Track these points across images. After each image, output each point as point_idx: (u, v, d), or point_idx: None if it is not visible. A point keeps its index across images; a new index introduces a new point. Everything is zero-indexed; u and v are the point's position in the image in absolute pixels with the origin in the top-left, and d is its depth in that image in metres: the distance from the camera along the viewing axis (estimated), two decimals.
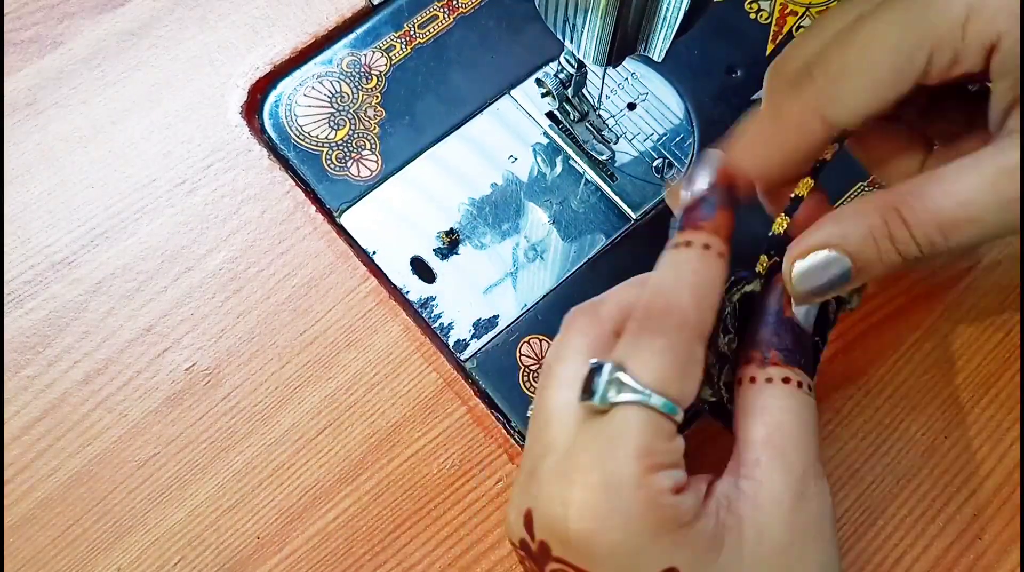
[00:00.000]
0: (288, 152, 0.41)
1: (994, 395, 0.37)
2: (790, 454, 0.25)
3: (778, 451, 0.25)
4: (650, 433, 0.24)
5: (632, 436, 0.24)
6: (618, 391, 0.24)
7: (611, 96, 0.42)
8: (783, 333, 0.27)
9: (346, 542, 0.35)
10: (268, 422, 0.36)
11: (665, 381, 0.24)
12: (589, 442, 0.24)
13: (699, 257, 0.26)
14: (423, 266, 0.39)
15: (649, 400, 0.24)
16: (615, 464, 0.24)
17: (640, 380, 0.24)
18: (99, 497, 0.35)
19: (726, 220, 0.27)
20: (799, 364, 0.26)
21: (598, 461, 0.24)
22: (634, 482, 0.23)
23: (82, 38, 0.43)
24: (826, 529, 0.25)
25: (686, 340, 0.25)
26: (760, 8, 0.43)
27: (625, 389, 0.24)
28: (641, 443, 0.24)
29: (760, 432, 0.25)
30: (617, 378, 0.24)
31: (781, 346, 0.26)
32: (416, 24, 0.43)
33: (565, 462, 0.25)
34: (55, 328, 0.38)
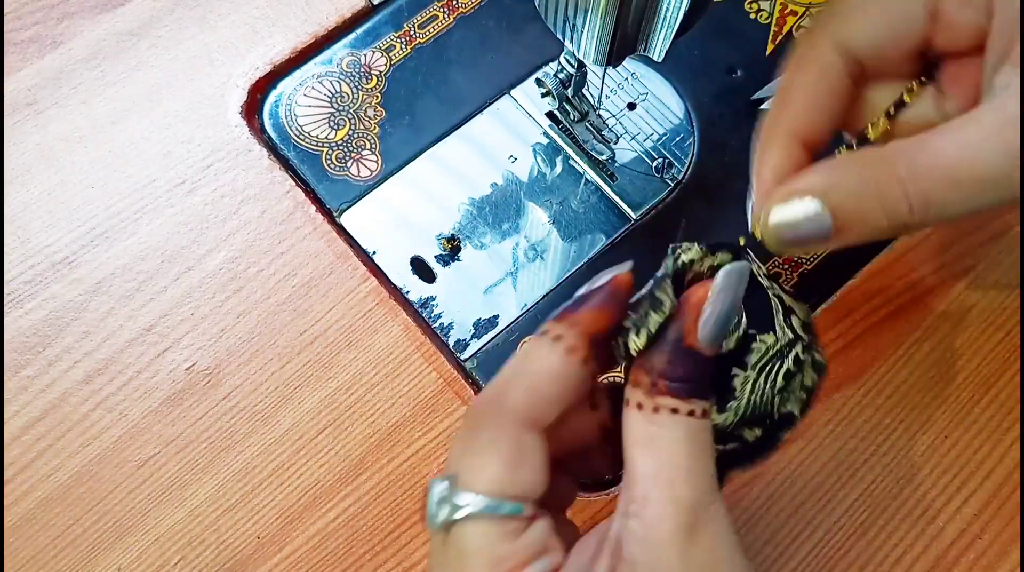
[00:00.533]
0: (288, 152, 0.41)
1: (994, 395, 0.37)
2: (680, 488, 0.23)
3: (667, 485, 0.23)
4: (494, 542, 0.23)
5: (475, 551, 0.22)
6: (449, 511, 0.23)
7: (611, 96, 0.42)
8: (679, 363, 0.24)
9: (346, 542, 0.35)
10: (268, 422, 0.36)
11: (495, 481, 0.23)
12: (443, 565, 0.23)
13: (549, 348, 0.24)
14: (423, 266, 0.39)
15: (481, 508, 0.22)
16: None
17: (471, 489, 0.23)
18: (99, 497, 0.35)
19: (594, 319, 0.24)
20: (693, 394, 0.24)
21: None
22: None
23: (82, 38, 0.43)
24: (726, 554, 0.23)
25: (509, 431, 0.23)
26: (760, 8, 0.43)
27: (455, 506, 0.23)
28: (487, 556, 0.22)
29: (648, 465, 0.23)
30: (446, 497, 0.23)
31: (673, 376, 0.24)
32: (416, 24, 0.43)
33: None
34: (55, 328, 0.38)
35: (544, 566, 0.23)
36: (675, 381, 0.24)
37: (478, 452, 0.23)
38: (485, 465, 0.23)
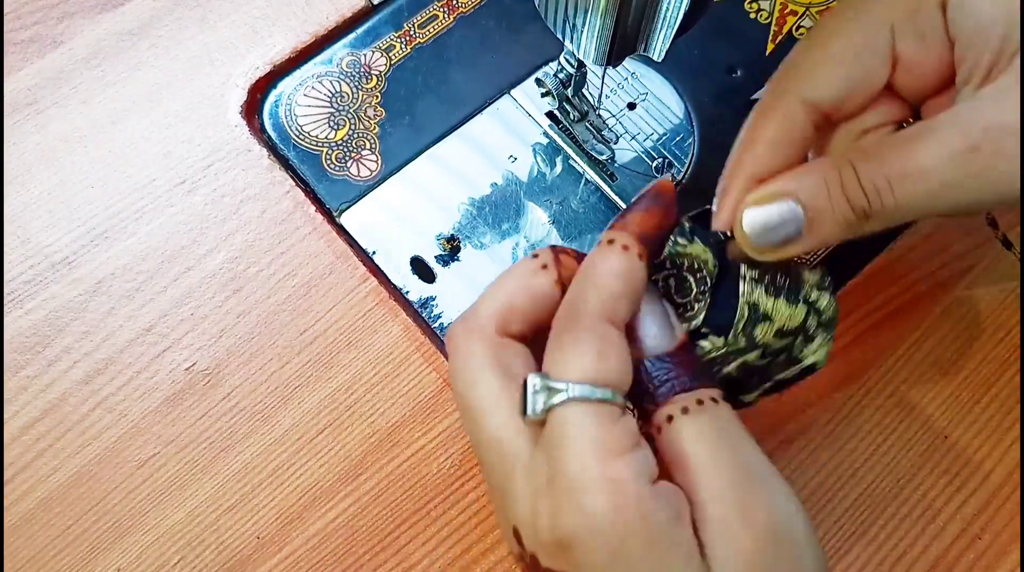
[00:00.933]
0: (288, 152, 0.41)
1: (994, 395, 0.37)
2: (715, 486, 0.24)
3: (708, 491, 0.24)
4: (593, 423, 0.24)
5: (576, 433, 0.24)
6: (548, 397, 0.24)
7: (611, 96, 0.42)
8: (647, 374, 0.25)
9: (346, 542, 0.35)
10: (268, 422, 0.36)
11: (586, 370, 0.24)
12: (542, 454, 0.24)
13: (607, 251, 0.26)
14: (423, 266, 0.39)
15: (577, 393, 0.24)
16: (570, 467, 0.23)
17: (563, 378, 0.24)
18: (99, 497, 0.35)
19: (643, 220, 0.27)
20: (683, 387, 0.25)
21: (557, 469, 0.24)
22: (593, 476, 0.23)
23: (82, 38, 0.43)
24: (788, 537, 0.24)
25: (593, 325, 0.25)
26: (760, 8, 0.43)
27: (552, 393, 0.24)
28: (588, 437, 0.23)
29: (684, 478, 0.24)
30: (543, 386, 0.24)
31: (654, 386, 0.25)
32: (416, 24, 0.43)
33: (530, 479, 0.24)
34: (55, 328, 0.38)
35: (642, 460, 0.24)
36: (657, 391, 0.25)
37: (567, 348, 0.25)
38: (577, 356, 0.24)
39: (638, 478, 0.23)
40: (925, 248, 0.39)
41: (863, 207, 0.25)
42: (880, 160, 0.25)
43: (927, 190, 0.24)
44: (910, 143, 0.25)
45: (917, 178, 0.24)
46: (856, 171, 0.25)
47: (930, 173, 0.24)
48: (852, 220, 0.25)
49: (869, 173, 0.25)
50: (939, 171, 0.24)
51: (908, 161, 0.24)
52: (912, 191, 0.25)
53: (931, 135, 0.24)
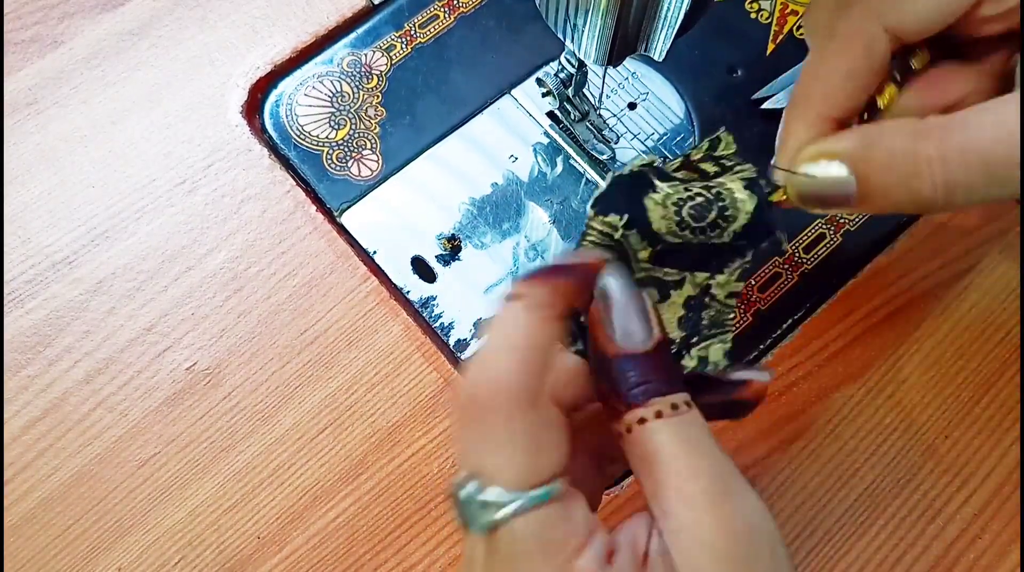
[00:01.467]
0: (289, 152, 0.41)
1: (994, 395, 0.37)
2: (689, 490, 0.22)
3: (680, 495, 0.22)
4: (544, 532, 0.22)
5: (529, 551, 0.22)
6: (488, 513, 0.22)
7: (611, 96, 0.42)
8: (618, 376, 0.24)
9: (346, 542, 0.35)
10: (268, 422, 0.36)
11: (527, 474, 0.22)
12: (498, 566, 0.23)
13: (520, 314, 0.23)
14: (424, 266, 0.39)
15: (521, 504, 0.22)
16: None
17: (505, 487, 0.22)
18: (99, 497, 0.35)
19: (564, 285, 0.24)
20: (652, 392, 0.23)
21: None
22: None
23: (82, 38, 0.43)
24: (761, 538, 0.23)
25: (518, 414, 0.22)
26: (760, 8, 0.43)
27: (491, 507, 0.22)
28: (543, 551, 0.22)
29: (653, 481, 0.23)
30: (480, 501, 0.22)
31: (627, 387, 0.23)
32: (417, 24, 0.43)
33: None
34: (55, 328, 0.38)
35: (600, 548, 0.22)
36: (629, 393, 0.23)
37: (496, 445, 0.22)
38: (509, 458, 0.22)
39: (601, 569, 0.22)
40: (925, 248, 0.39)
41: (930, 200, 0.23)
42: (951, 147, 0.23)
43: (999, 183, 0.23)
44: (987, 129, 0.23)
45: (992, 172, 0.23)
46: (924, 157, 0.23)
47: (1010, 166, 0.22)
48: (908, 206, 0.24)
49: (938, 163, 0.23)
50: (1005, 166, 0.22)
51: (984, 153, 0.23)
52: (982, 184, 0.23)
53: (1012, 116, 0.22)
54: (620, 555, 0.23)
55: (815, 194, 0.25)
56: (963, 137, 0.23)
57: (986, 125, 0.23)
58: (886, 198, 0.24)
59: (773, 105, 0.41)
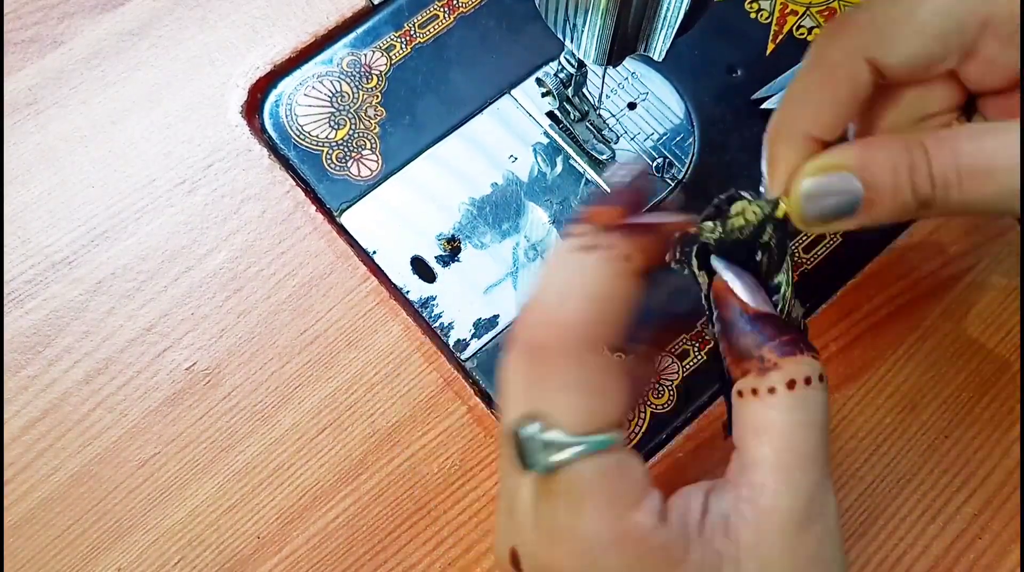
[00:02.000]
0: (288, 152, 0.41)
1: (994, 395, 0.37)
2: (799, 476, 0.23)
3: (786, 474, 0.23)
4: (605, 478, 0.22)
5: (590, 491, 0.22)
6: (549, 454, 0.22)
7: (611, 96, 0.42)
8: (763, 328, 0.24)
9: (346, 542, 0.35)
10: (268, 422, 0.36)
11: (588, 418, 0.22)
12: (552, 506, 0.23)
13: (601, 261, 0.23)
14: (423, 266, 0.39)
15: (584, 448, 0.22)
16: (586, 526, 0.22)
17: (567, 430, 0.22)
18: (99, 497, 0.35)
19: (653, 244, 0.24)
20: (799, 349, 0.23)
21: (568, 526, 0.22)
22: (611, 536, 0.22)
23: (82, 38, 0.43)
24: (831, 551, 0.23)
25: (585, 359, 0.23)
26: (760, 8, 0.43)
27: (555, 448, 0.22)
28: (601, 493, 0.22)
29: (766, 452, 0.23)
30: (543, 441, 0.22)
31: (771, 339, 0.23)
32: (416, 24, 0.43)
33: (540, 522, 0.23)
34: (55, 328, 0.38)
35: (652, 505, 0.23)
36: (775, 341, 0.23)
37: (562, 389, 0.22)
38: (575, 402, 0.22)
39: (655, 526, 0.22)
40: (925, 248, 0.39)
41: (927, 195, 0.24)
42: (955, 151, 0.23)
43: (996, 191, 0.23)
44: (987, 138, 0.23)
45: (987, 176, 0.23)
46: (928, 157, 0.24)
47: (1002, 173, 0.23)
48: (911, 206, 0.24)
49: (941, 162, 0.23)
50: (1012, 173, 0.23)
51: (983, 157, 0.23)
52: (980, 189, 0.23)
53: (1007, 135, 0.23)
54: (673, 514, 0.23)
55: (821, 209, 0.25)
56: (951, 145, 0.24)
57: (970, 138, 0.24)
58: (894, 200, 0.24)
59: (773, 105, 0.41)
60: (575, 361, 0.22)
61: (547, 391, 0.23)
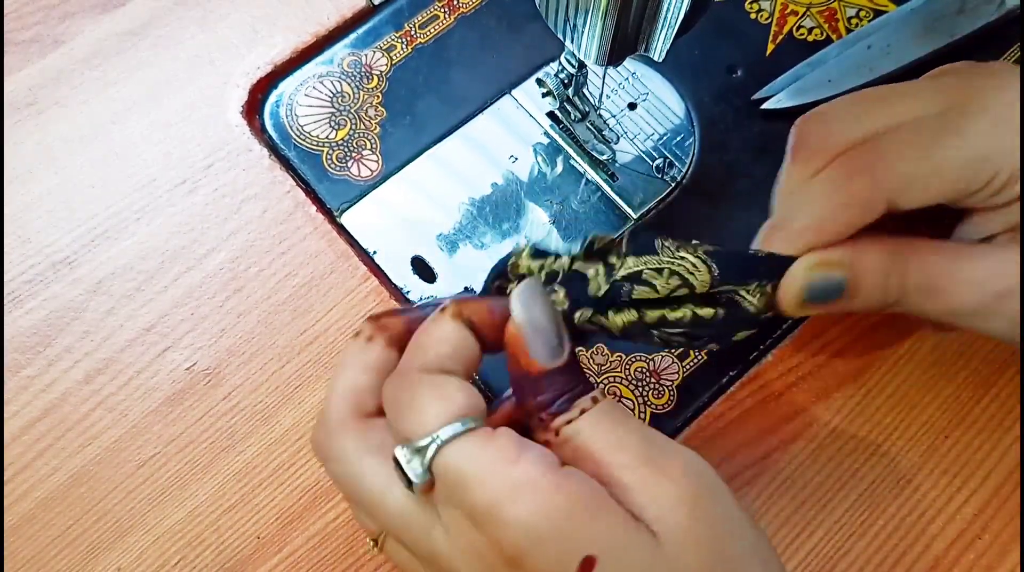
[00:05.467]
0: (289, 152, 0.41)
1: (994, 395, 0.37)
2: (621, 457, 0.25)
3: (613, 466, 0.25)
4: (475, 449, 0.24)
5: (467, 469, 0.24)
6: (421, 458, 0.24)
7: (612, 96, 0.42)
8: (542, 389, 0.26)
9: (346, 542, 0.35)
10: (268, 422, 0.36)
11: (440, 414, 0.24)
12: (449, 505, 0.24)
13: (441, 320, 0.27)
14: (424, 266, 0.39)
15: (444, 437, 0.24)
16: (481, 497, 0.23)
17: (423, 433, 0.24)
18: (99, 497, 0.35)
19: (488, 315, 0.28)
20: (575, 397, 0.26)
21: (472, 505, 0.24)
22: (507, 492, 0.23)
23: (82, 38, 0.43)
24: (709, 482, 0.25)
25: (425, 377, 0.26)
26: (760, 8, 0.44)
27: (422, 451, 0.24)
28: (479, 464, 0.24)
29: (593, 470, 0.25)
30: (411, 449, 0.24)
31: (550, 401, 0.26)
32: (417, 24, 0.43)
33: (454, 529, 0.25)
34: (55, 328, 0.38)
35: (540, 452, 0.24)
36: (553, 404, 0.26)
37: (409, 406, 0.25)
38: (421, 409, 0.25)
39: (546, 469, 0.24)
40: None
41: (896, 298, 0.28)
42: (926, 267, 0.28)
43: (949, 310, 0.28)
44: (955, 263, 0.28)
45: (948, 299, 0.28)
46: (907, 268, 0.28)
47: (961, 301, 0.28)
48: (877, 306, 0.29)
49: (916, 274, 0.28)
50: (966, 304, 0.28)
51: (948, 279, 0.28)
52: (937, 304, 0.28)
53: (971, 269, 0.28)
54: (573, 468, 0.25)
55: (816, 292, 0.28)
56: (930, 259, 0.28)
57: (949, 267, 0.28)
58: (871, 293, 0.28)
59: (773, 105, 0.41)
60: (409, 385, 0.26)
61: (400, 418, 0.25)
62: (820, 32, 0.43)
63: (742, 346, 0.37)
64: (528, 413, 0.26)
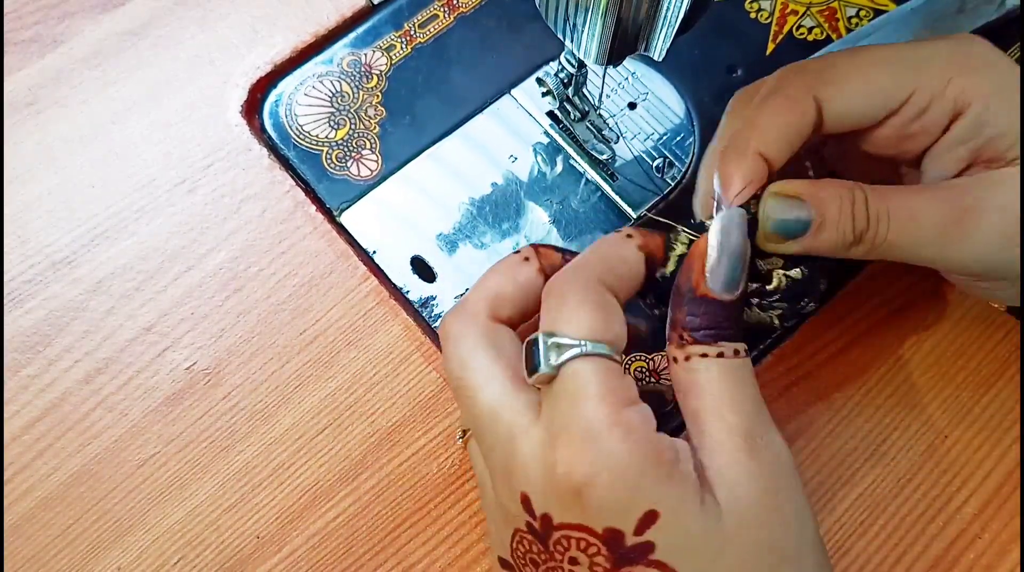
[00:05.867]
0: (288, 151, 0.41)
1: (994, 395, 0.37)
2: (729, 416, 0.26)
3: (717, 417, 0.26)
4: (603, 376, 0.25)
5: (590, 384, 0.25)
6: (558, 354, 0.26)
7: (611, 95, 0.42)
8: (697, 313, 0.27)
9: (346, 541, 0.35)
10: (268, 421, 0.36)
11: (593, 329, 0.26)
12: (553, 408, 0.26)
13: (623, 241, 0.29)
14: (423, 265, 0.39)
15: (588, 349, 0.25)
16: (585, 414, 0.25)
17: (569, 335, 0.26)
18: (99, 496, 0.35)
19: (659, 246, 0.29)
20: (722, 337, 0.27)
21: (569, 419, 0.25)
22: (609, 422, 0.25)
23: (82, 38, 0.43)
24: (790, 477, 0.26)
25: (597, 289, 0.27)
26: (760, 8, 0.43)
27: (564, 349, 0.26)
28: (600, 387, 0.25)
29: (696, 405, 0.26)
30: (553, 343, 0.26)
31: (695, 326, 0.27)
32: (416, 23, 0.43)
33: (539, 435, 0.26)
34: (55, 328, 0.38)
35: (646, 412, 0.26)
36: (699, 330, 0.27)
37: (573, 307, 0.26)
38: (582, 316, 0.26)
39: (647, 424, 0.25)
40: None
41: (862, 229, 0.28)
42: (885, 197, 0.28)
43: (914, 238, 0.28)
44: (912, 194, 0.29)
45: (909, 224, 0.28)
46: (867, 197, 0.28)
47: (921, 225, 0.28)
48: (848, 238, 0.28)
49: (875, 202, 0.28)
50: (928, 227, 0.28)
51: (907, 207, 0.28)
52: (901, 232, 0.28)
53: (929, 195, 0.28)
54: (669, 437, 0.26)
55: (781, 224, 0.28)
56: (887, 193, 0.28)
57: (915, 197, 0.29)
58: (837, 227, 0.28)
59: None
60: (587, 290, 0.26)
61: (559, 312, 0.26)
62: (820, 32, 0.43)
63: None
64: (672, 325, 0.27)
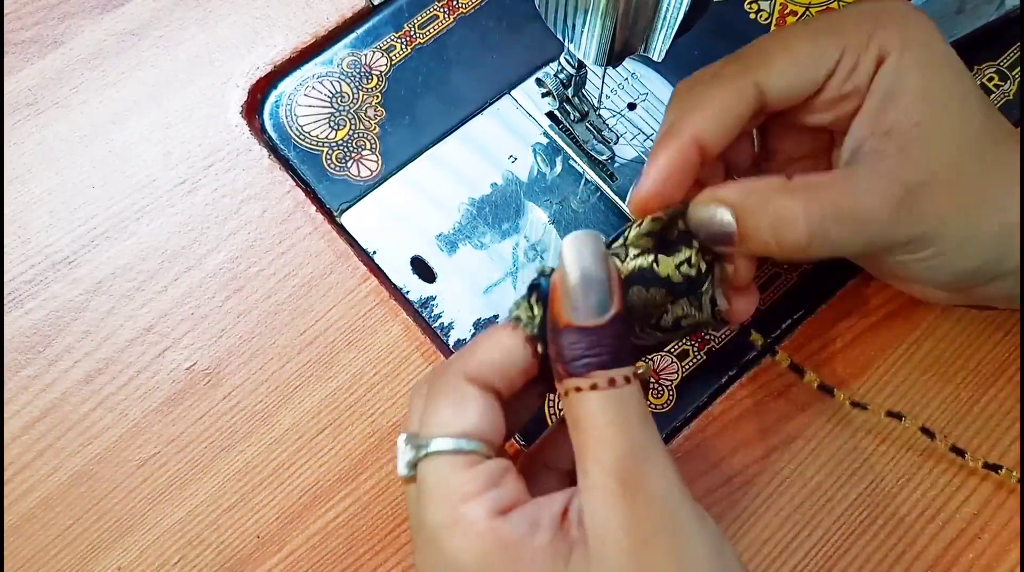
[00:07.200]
0: (288, 152, 0.41)
1: (994, 394, 0.37)
2: (604, 454, 0.24)
3: (593, 455, 0.25)
4: (447, 473, 0.25)
5: (432, 484, 0.25)
6: (413, 453, 0.26)
7: (611, 96, 0.42)
8: (566, 343, 0.25)
9: (346, 541, 0.35)
10: (268, 422, 0.36)
11: (445, 425, 0.26)
12: (412, 503, 0.27)
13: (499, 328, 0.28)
14: (423, 266, 0.39)
15: (435, 447, 0.26)
16: (426, 519, 0.25)
17: (429, 435, 0.26)
18: (99, 496, 0.35)
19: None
20: (599, 365, 0.25)
21: (419, 523, 0.26)
22: (447, 523, 0.25)
23: (82, 38, 0.43)
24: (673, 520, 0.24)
25: (454, 383, 0.26)
26: (760, 8, 0.44)
27: (417, 449, 0.26)
28: (442, 486, 0.25)
29: (577, 443, 0.25)
30: (412, 444, 0.26)
31: (569, 358, 0.25)
32: (416, 24, 0.43)
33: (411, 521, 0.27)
34: (55, 328, 0.38)
35: (495, 500, 0.25)
36: (574, 361, 0.25)
37: (430, 406, 0.27)
38: (436, 413, 0.26)
39: (489, 514, 0.25)
40: None
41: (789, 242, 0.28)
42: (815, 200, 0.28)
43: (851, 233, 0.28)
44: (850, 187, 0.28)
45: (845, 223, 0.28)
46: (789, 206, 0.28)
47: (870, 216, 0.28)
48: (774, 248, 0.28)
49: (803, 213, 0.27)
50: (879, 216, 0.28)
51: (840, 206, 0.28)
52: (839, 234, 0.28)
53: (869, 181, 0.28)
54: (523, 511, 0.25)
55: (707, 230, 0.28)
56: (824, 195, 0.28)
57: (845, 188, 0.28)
58: (758, 240, 0.28)
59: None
60: (446, 383, 0.27)
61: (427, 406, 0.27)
62: None
63: (740, 346, 0.37)
64: (552, 360, 0.26)
